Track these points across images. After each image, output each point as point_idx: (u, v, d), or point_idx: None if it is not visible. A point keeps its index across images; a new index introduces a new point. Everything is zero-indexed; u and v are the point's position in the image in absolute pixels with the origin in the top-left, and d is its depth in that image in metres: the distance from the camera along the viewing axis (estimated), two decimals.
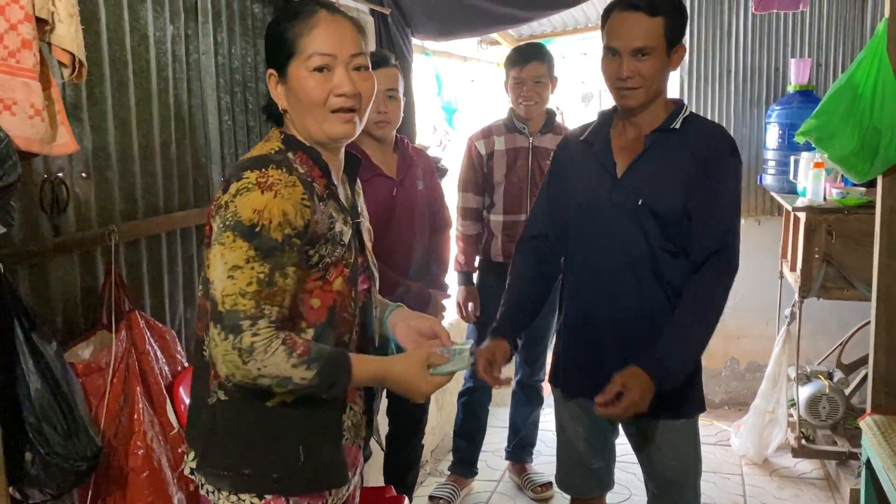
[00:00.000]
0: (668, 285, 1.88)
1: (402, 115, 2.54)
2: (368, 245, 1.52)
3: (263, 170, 1.31)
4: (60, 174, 1.88)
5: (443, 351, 1.45)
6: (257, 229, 1.27)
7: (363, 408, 1.54)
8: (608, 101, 12.10)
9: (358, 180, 1.60)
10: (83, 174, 1.98)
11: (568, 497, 2.23)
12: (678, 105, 1.94)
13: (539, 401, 3.38)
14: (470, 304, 3.11)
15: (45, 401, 1.64)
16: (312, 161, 1.41)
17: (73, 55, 1.55)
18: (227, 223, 1.28)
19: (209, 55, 2.44)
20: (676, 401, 1.91)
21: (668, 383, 1.78)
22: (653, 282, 1.88)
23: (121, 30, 2.08)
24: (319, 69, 1.36)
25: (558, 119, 3.21)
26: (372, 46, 3.26)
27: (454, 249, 3.18)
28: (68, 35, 1.53)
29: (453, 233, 3.01)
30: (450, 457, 3.49)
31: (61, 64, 1.59)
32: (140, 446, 1.85)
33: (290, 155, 1.39)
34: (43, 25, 1.50)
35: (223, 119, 2.54)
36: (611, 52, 1.84)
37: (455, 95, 5.37)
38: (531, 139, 3.05)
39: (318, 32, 1.36)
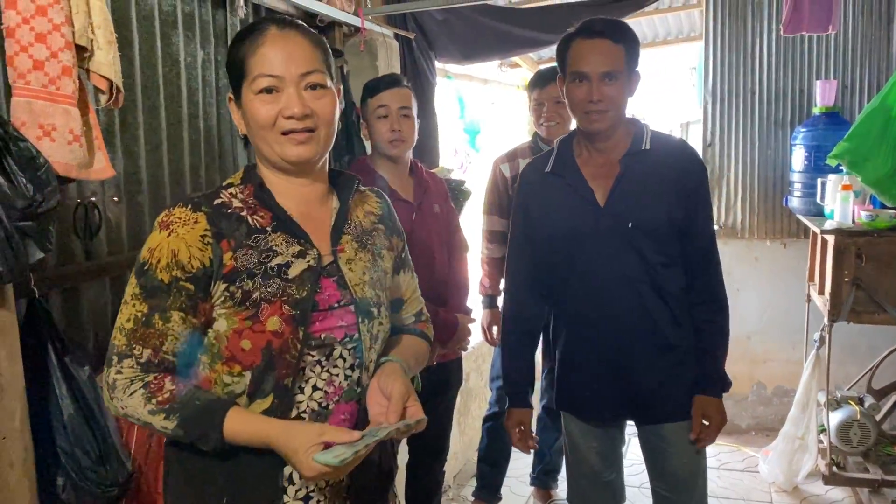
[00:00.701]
0: (666, 293, 1.96)
1: (416, 135, 2.53)
2: (351, 276, 1.32)
3: (171, 209, 1.26)
4: (93, 198, 1.90)
5: (368, 433, 1.19)
6: (145, 268, 1.23)
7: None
8: None
9: (370, 204, 1.45)
10: (115, 198, 1.99)
11: None
12: (638, 126, 1.99)
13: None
14: (495, 328, 3.09)
15: (78, 426, 1.64)
16: (255, 193, 1.30)
17: (110, 81, 1.57)
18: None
19: None
20: (688, 403, 2.01)
21: (727, 386, 2.01)
22: (652, 294, 1.95)
23: (153, 56, 2.11)
24: (267, 90, 1.25)
25: None
26: (396, 69, 3.28)
27: (478, 273, 3.17)
28: (106, 62, 1.55)
29: (474, 255, 2.99)
30: (473, 482, 3.45)
31: (98, 90, 1.61)
32: None
33: (232, 190, 1.30)
34: (82, 53, 1.52)
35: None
36: (578, 78, 1.88)
37: (478, 118, 5.38)
38: None
39: (263, 52, 1.25)
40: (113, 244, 1.99)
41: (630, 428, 2.20)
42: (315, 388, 1.28)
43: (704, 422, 1.98)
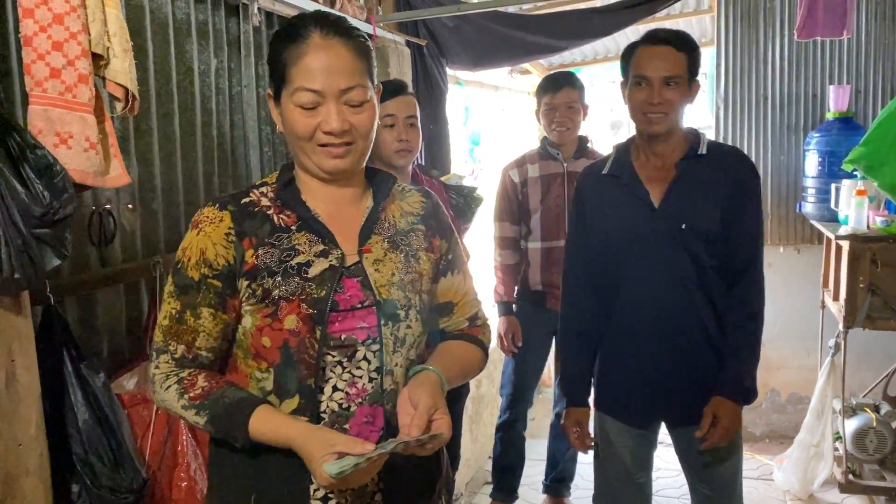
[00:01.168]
0: (715, 296, 2.01)
1: (420, 142, 2.52)
2: (377, 277, 1.30)
3: (202, 208, 1.30)
4: (108, 206, 1.90)
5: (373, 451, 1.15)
6: (179, 266, 1.28)
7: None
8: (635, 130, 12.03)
9: (410, 203, 1.42)
10: (129, 206, 2.00)
11: None
12: (695, 133, 2.06)
13: None
14: (511, 335, 3.07)
15: (93, 432, 1.64)
16: (278, 193, 1.31)
17: (126, 89, 1.57)
18: None
19: (251, 88, 2.48)
20: None
21: (750, 398, 2.00)
22: (702, 298, 1.99)
23: (167, 63, 2.12)
24: (306, 104, 1.24)
25: (590, 145, 3.19)
26: (408, 76, 3.29)
27: (492, 280, 3.16)
28: (122, 70, 1.55)
29: (476, 263, 2.98)
30: (485, 489, 3.45)
31: (114, 97, 1.61)
32: (184, 478, 1.84)
33: (264, 189, 1.32)
34: (98, 60, 1.53)
35: (264, 150, 2.57)
36: (640, 81, 1.96)
37: (479, 128, 5.36)
38: (565, 164, 3.05)
39: (306, 63, 1.22)
40: (127, 251, 1.99)
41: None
42: (335, 388, 1.27)
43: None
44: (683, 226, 1.96)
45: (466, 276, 1.48)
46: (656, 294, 2.00)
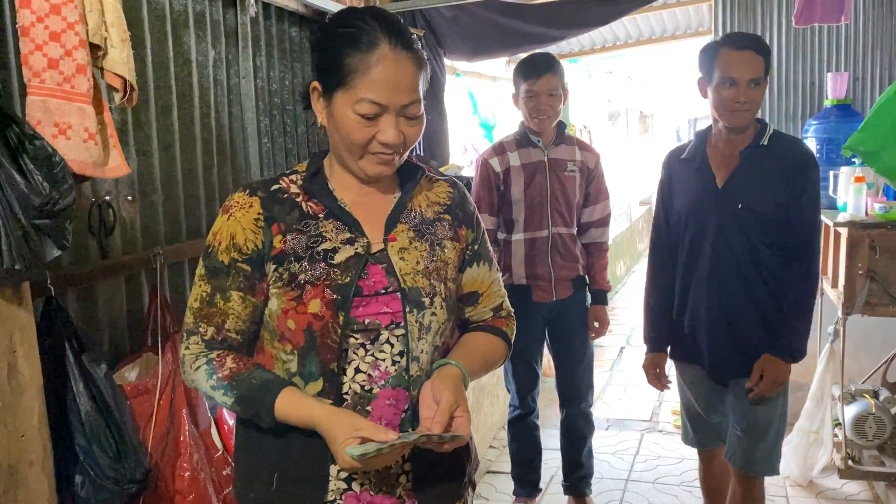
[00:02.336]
0: (765, 271, 2.29)
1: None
2: (402, 265, 1.32)
3: (233, 194, 1.33)
4: (108, 197, 1.90)
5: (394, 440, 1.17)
6: (210, 250, 1.30)
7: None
8: (633, 120, 11.98)
9: (437, 193, 1.43)
10: (129, 197, 2.00)
11: None
12: (762, 124, 2.32)
13: (591, 428, 3.18)
14: None
15: (96, 423, 1.65)
16: (304, 182, 1.33)
17: (124, 80, 1.57)
18: None
19: (249, 79, 2.47)
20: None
21: (798, 356, 2.28)
22: (752, 269, 2.28)
23: (165, 55, 2.12)
24: (367, 115, 1.24)
25: (567, 131, 3.05)
26: None
27: None
28: (120, 60, 1.55)
29: None
30: (486, 478, 3.45)
31: (112, 88, 1.61)
32: (186, 468, 1.85)
33: (294, 177, 1.34)
34: (96, 51, 1.53)
35: (262, 142, 2.57)
36: (728, 82, 2.21)
37: (492, 112, 5.35)
38: (546, 152, 2.92)
39: (375, 75, 1.22)
40: (127, 243, 2.00)
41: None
42: (358, 370, 1.29)
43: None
44: (740, 206, 2.24)
45: (493, 267, 1.49)
46: (715, 264, 2.29)
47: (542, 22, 3.76)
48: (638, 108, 11.38)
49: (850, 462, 3.30)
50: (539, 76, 2.80)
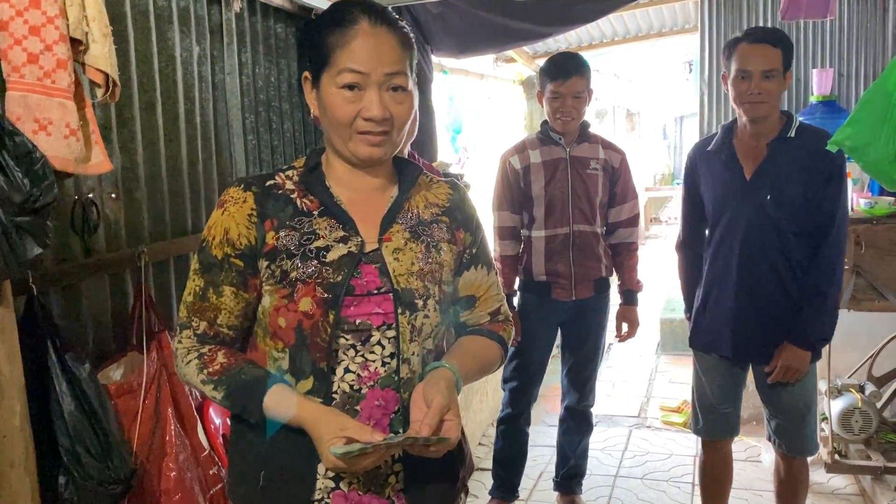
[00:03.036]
0: (792, 259, 2.37)
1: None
2: (396, 266, 1.31)
3: (228, 189, 1.33)
4: (91, 195, 1.88)
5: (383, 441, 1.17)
6: (204, 244, 1.31)
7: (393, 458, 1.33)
8: (621, 118, 11.97)
9: (436, 195, 1.42)
10: (113, 195, 1.98)
11: None
12: (788, 117, 2.38)
13: (589, 428, 3.19)
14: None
15: (79, 423, 1.63)
16: (302, 178, 1.33)
17: (106, 75, 1.55)
18: None
19: (234, 75, 2.45)
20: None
21: (819, 345, 2.40)
22: (781, 257, 2.36)
23: (149, 51, 2.10)
24: (350, 87, 1.25)
25: (591, 129, 3.03)
26: None
27: None
28: (102, 55, 1.53)
29: None
30: (475, 475, 3.44)
31: (94, 84, 1.59)
32: (172, 468, 1.84)
33: (290, 172, 1.34)
34: (77, 46, 1.51)
35: (248, 139, 2.55)
36: (742, 75, 2.29)
37: (460, 116, 5.31)
38: (568, 150, 2.92)
39: (353, 46, 1.24)
40: (111, 240, 1.98)
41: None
42: (347, 370, 1.28)
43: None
44: (768, 196, 2.31)
45: (491, 271, 1.48)
46: (743, 251, 2.37)
47: (529, 19, 3.75)
48: (625, 105, 11.40)
49: (836, 456, 3.32)
50: (566, 78, 2.81)
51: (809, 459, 3.44)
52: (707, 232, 2.54)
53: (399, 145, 1.34)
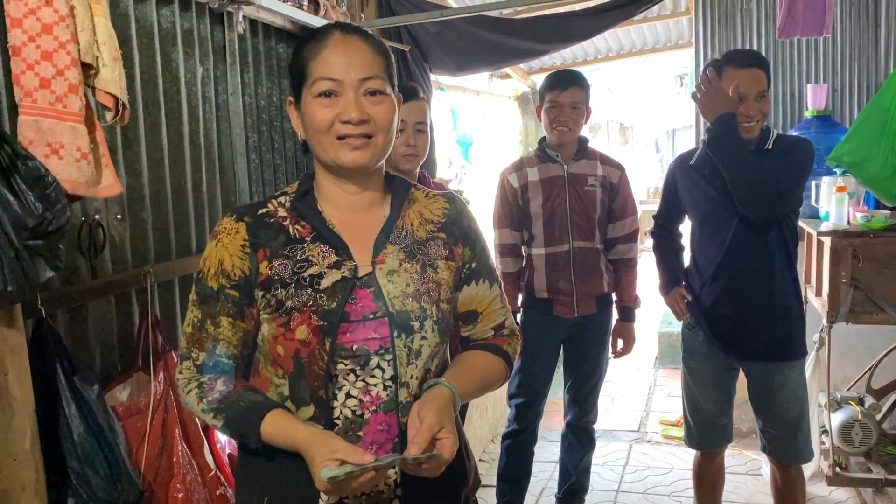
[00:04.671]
0: (778, 264, 2.48)
1: (428, 148, 2.52)
2: (391, 288, 1.29)
3: (221, 220, 1.34)
4: (97, 216, 1.89)
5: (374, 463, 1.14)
6: (200, 276, 1.32)
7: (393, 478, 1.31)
8: (614, 132, 12.05)
9: (432, 210, 1.40)
10: (118, 216, 1.99)
11: None
12: (765, 130, 2.50)
13: (591, 444, 3.17)
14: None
15: (88, 445, 1.63)
16: (293, 203, 1.33)
17: (116, 98, 1.56)
18: None
19: (237, 95, 2.47)
20: (791, 344, 2.53)
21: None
22: (764, 263, 2.46)
23: (153, 72, 2.11)
24: (326, 94, 1.26)
25: (590, 145, 3.04)
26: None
27: None
28: (112, 79, 1.55)
29: None
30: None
31: (104, 107, 1.60)
32: (180, 489, 1.83)
33: (282, 199, 1.34)
34: (88, 70, 1.52)
35: (251, 158, 2.56)
36: (738, 98, 2.38)
37: (470, 129, 5.37)
38: (565, 167, 2.93)
39: (325, 55, 1.26)
40: (117, 262, 1.98)
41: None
42: (349, 395, 1.27)
43: None
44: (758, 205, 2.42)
45: (493, 284, 1.45)
46: (726, 258, 2.48)
47: (526, 36, 3.79)
48: (618, 119, 11.48)
49: (837, 469, 3.33)
50: (564, 88, 2.86)
51: (808, 472, 3.48)
52: (691, 236, 2.69)
53: (387, 152, 1.32)
